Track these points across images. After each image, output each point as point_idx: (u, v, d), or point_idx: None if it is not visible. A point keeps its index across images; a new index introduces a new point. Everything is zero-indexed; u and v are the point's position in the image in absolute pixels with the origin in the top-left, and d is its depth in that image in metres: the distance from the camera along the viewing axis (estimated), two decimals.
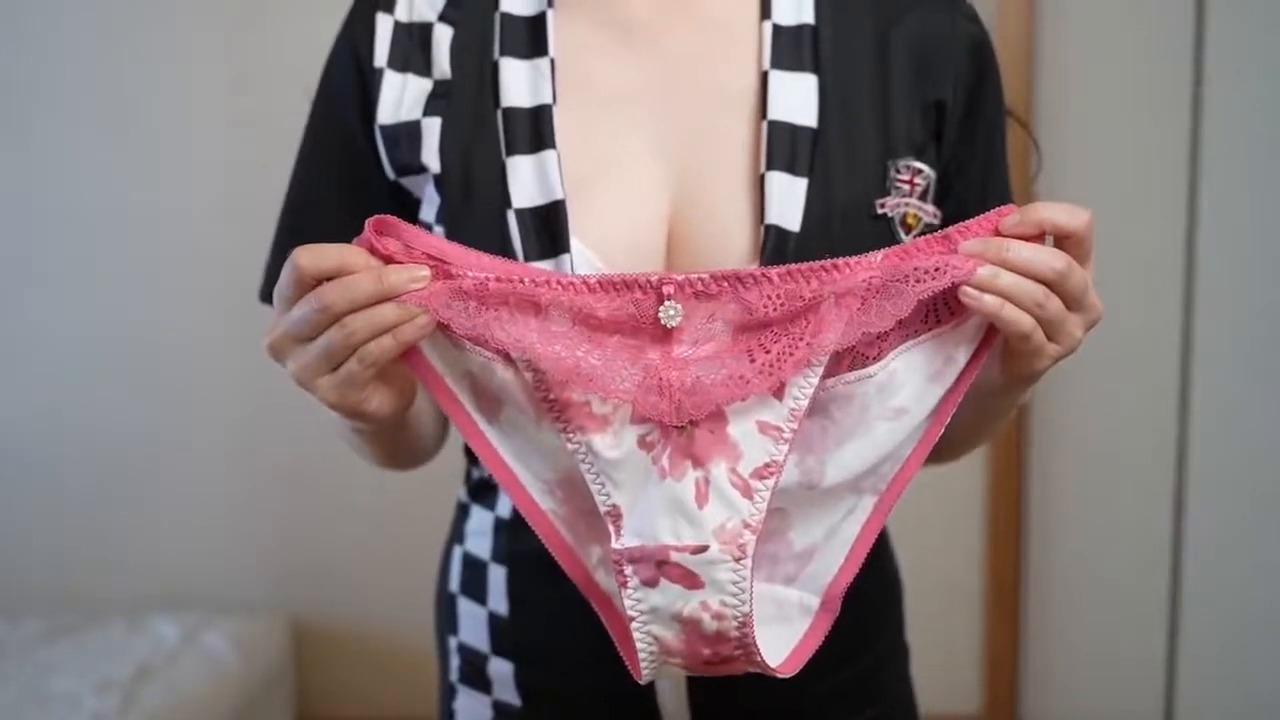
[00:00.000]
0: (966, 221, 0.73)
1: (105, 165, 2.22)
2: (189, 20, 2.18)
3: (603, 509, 0.75)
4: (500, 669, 0.94)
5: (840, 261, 0.72)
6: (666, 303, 0.72)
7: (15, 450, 2.31)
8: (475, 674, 0.96)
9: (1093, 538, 2.24)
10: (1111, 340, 1.66)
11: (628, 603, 0.74)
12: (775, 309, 0.72)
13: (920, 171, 0.84)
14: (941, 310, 0.75)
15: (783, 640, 0.78)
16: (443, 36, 0.86)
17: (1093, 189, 2.14)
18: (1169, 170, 2.12)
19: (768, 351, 0.72)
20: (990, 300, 0.71)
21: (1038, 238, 0.72)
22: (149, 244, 2.24)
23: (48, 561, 2.33)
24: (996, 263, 0.71)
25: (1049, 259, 0.71)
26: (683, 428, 0.73)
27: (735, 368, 0.72)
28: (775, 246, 0.80)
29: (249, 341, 2.28)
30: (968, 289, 0.71)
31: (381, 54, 0.86)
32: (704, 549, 0.73)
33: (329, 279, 0.70)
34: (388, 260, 0.71)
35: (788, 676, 0.77)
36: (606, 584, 0.77)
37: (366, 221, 0.71)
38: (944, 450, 0.91)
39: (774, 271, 0.72)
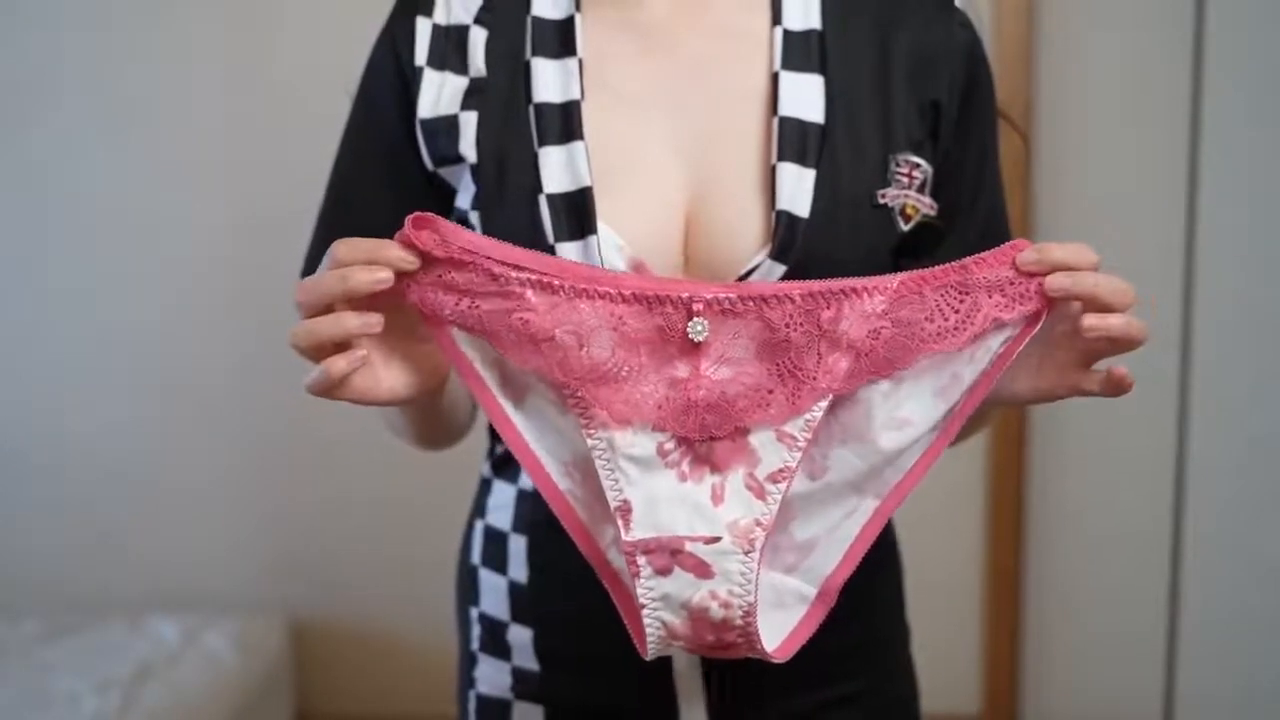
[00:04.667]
0: (982, 254, 0.77)
1: (105, 166, 2.22)
2: (189, 20, 2.18)
3: (613, 504, 0.78)
4: (519, 636, 0.99)
5: (859, 284, 0.76)
6: (695, 319, 0.76)
7: (15, 451, 2.31)
8: (495, 642, 1.01)
9: (1093, 536, 2.24)
10: None
11: (640, 590, 0.78)
12: (796, 329, 0.76)
13: (918, 166, 0.89)
14: None
15: (779, 626, 0.82)
16: (478, 38, 0.92)
17: (1092, 189, 2.14)
18: (1169, 170, 2.12)
19: (785, 384, 0.77)
20: (1122, 323, 0.78)
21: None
22: (149, 244, 2.24)
23: (48, 561, 2.33)
24: (1081, 295, 0.76)
25: (1121, 285, 0.77)
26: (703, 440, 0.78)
27: (757, 389, 0.77)
28: (786, 231, 0.84)
29: (249, 342, 2.29)
30: (1089, 321, 0.77)
31: (421, 54, 0.92)
32: (717, 540, 0.78)
33: None
34: (425, 255, 0.74)
35: (782, 662, 0.81)
36: (618, 563, 0.81)
37: (406, 218, 0.75)
38: None
39: (796, 292, 0.76)
